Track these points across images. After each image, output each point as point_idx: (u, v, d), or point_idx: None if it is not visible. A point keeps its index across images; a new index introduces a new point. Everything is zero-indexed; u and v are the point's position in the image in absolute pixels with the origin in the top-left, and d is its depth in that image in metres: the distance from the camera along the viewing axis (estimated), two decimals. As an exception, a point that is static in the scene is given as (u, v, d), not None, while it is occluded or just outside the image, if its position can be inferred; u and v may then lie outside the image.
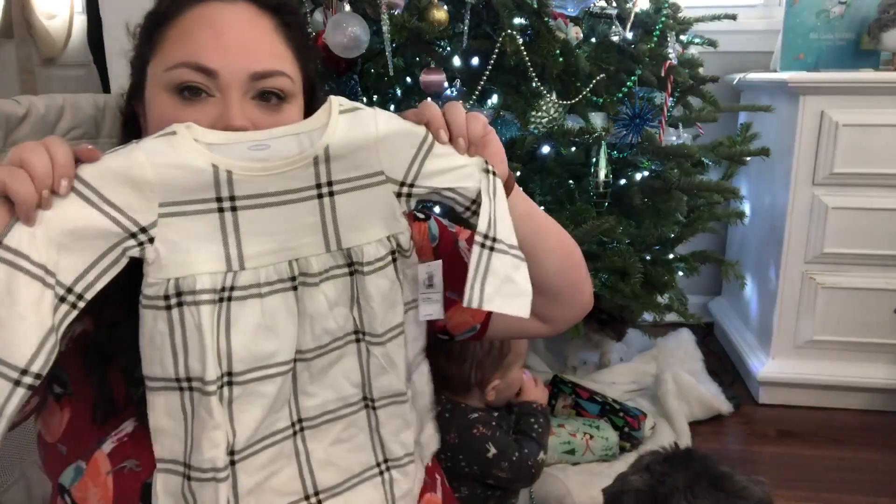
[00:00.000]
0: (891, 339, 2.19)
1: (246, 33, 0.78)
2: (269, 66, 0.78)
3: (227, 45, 0.76)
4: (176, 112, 0.75)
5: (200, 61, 0.75)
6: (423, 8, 1.52)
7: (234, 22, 0.77)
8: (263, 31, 0.79)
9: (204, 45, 0.75)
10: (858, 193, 2.11)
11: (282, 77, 0.79)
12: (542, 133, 1.63)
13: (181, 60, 0.75)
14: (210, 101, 0.76)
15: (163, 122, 0.73)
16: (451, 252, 0.98)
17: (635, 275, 1.65)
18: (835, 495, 1.83)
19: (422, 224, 0.99)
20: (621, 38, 1.78)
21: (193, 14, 0.77)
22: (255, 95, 0.78)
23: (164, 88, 0.76)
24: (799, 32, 2.29)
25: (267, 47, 0.79)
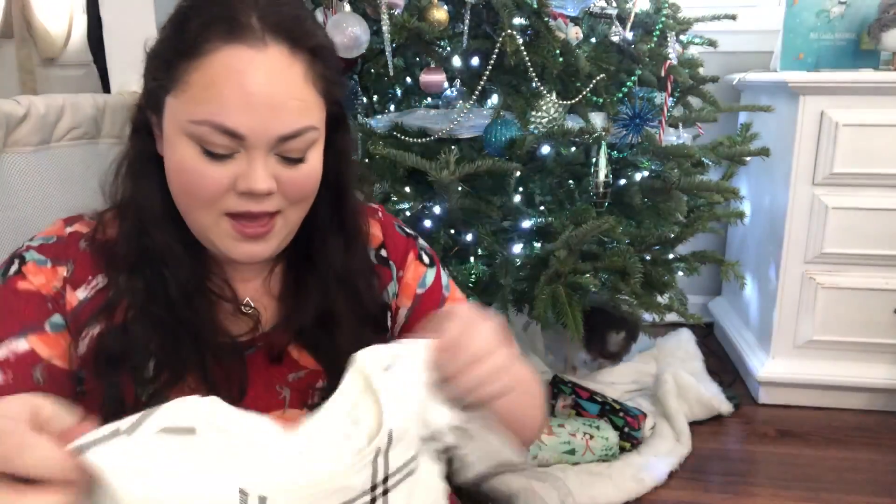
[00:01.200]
0: (891, 339, 2.19)
1: (276, 90, 0.72)
2: (298, 126, 0.74)
3: (255, 105, 0.71)
4: (199, 166, 0.73)
5: (226, 123, 0.71)
6: (423, 8, 1.52)
7: (263, 76, 0.72)
8: (294, 82, 0.74)
9: (232, 105, 0.71)
10: (858, 193, 2.11)
11: (309, 132, 0.76)
12: (542, 133, 1.63)
13: (207, 119, 0.71)
14: (235, 158, 0.74)
15: (186, 175, 0.74)
16: (430, 308, 0.96)
17: (635, 275, 1.64)
18: (835, 495, 1.83)
19: (420, 267, 0.97)
20: (621, 38, 1.78)
21: (220, 60, 0.71)
22: (279, 153, 0.75)
23: (187, 136, 0.73)
24: (799, 32, 2.29)
25: (296, 104, 0.74)
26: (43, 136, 1.01)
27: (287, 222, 0.80)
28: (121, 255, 0.79)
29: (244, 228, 0.77)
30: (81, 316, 0.78)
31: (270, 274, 0.89)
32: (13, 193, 0.96)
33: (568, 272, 1.61)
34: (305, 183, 0.79)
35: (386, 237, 0.96)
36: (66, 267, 0.79)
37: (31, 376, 0.74)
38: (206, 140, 0.72)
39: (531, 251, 1.72)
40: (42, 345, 0.75)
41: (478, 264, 1.73)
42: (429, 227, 1.70)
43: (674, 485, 1.88)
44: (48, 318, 0.77)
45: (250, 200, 0.75)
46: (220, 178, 0.73)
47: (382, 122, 1.66)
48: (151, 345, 0.77)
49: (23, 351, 0.74)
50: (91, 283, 0.80)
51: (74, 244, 0.81)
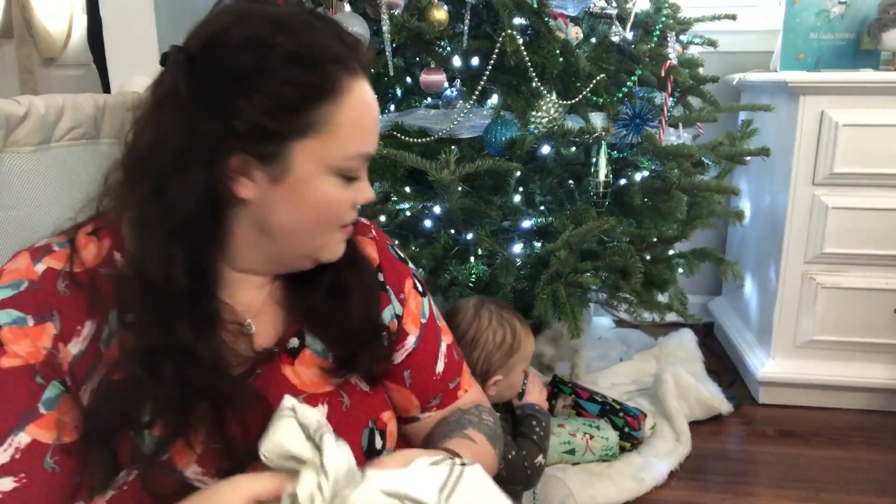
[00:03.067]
0: (891, 338, 2.19)
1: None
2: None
3: (377, 129, 0.81)
4: (340, 193, 0.78)
5: (370, 151, 0.79)
6: (423, 8, 1.52)
7: (375, 102, 0.80)
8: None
9: (371, 133, 0.79)
10: (858, 193, 2.11)
11: None
12: (542, 133, 1.63)
13: (360, 152, 0.78)
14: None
15: (332, 205, 0.78)
16: (432, 342, 1.01)
17: (636, 274, 1.65)
18: (835, 495, 1.83)
19: (417, 297, 1.00)
20: (621, 38, 1.78)
21: (355, 96, 0.76)
22: None
23: (332, 172, 0.77)
24: (799, 32, 2.29)
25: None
26: (43, 136, 1.01)
27: None
28: (117, 277, 0.73)
29: (347, 231, 0.84)
30: (78, 372, 0.72)
31: (274, 282, 0.87)
32: (13, 193, 0.96)
33: (568, 272, 1.61)
34: None
35: (382, 259, 0.97)
36: (53, 322, 0.72)
37: (43, 468, 0.70)
38: (351, 169, 0.78)
39: (531, 251, 1.72)
40: (43, 431, 0.70)
41: (478, 264, 1.73)
42: (429, 227, 1.70)
43: (674, 485, 1.88)
44: (41, 398, 0.71)
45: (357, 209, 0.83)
46: (351, 198, 0.80)
47: (382, 121, 1.66)
48: (152, 393, 0.72)
49: (26, 445, 0.69)
50: (82, 334, 0.73)
51: (52, 289, 0.73)
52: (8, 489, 0.68)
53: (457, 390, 1.04)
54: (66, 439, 0.72)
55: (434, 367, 1.00)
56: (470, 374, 1.10)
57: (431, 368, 1.00)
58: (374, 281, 0.94)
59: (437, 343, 1.02)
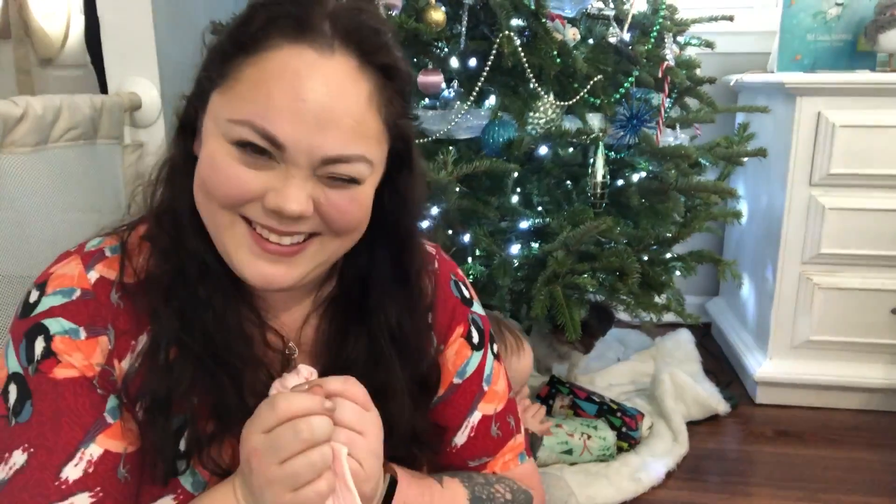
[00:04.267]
0: (888, 339, 2.19)
1: (331, 103, 0.63)
2: (347, 151, 0.65)
3: (304, 116, 0.62)
4: (230, 165, 0.65)
5: (269, 129, 0.63)
6: (420, 9, 1.52)
7: (321, 86, 0.63)
8: (354, 101, 0.65)
9: (278, 109, 0.62)
10: (855, 194, 2.12)
11: (359, 163, 0.66)
12: (539, 134, 1.63)
13: (248, 119, 0.63)
14: (271, 166, 0.65)
15: (214, 171, 0.65)
16: (459, 406, 0.86)
17: (633, 275, 1.65)
18: (832, 495, 1.83)
19: (465, 349, 0.86)
20: (619, 39, 1.78)
21: (278, 58, 0.63)
22: (322, 175, 0.66)
23: (224, 137, 0.65)
24: (796, 34, 2.29)
25: (351, 125, 0.65)
26: (40, 136, 1.01)
27: (323, 249, 0.70)
28: (155, 282, 0.70)
29: (265, 244, 0.67)
30: (131, 388, 0.69)
31: (305, 322, 0.80)
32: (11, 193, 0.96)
33: (565, 272, 1.61)
34: (348, 210, 0.68)
35: (437, 299, 0.84)
36: (107, 336, 0.69)
37: (117, 479, 0.68)
38: (242, 139, 0.64)
39: (529, 252, 1.72)
40: (113, 440, 0.68)
41: (476, 265, 1.73)
42: (426, 227, 1.70)
43: (671, 485, 1.89)
44: (106, 407, 0.68)
45: (276, 220, 0.66)
46: (250, 184, 0.65)
47: (380, 122, 1.65)
48: (194, 389, 0.70)
49: (98, 456, 0.67)
50: (136, 350, 0.70)
51: (106, 300, 0.69)
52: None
53: (480, 468, 0.89)
54: (132, 448, 0.70)
55: (451, 438, 0.86)
56: (527, 457, 0.93)
57: (447, 438, 0.86)
58: (430, 374, 0.82)
59: (467, 410, 0.86)
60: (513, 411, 0.91)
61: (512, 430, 0.90)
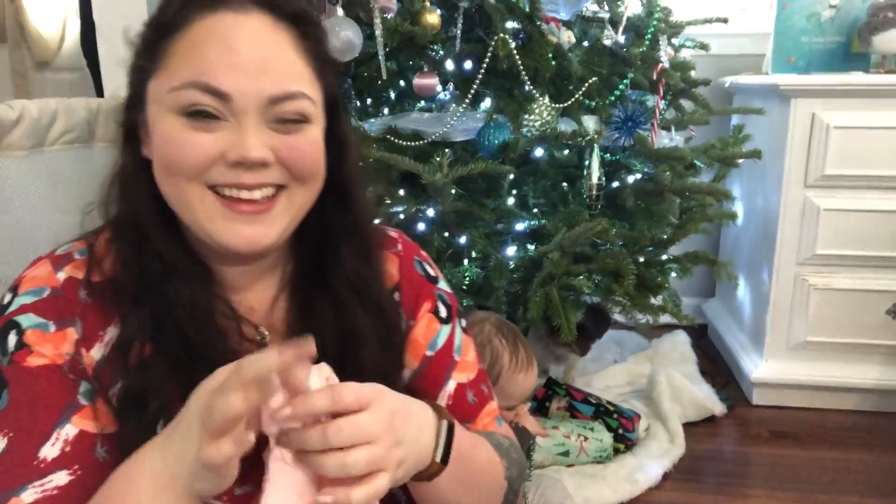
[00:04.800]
0: (883, 339, 2.20)
1: (262, 50, 0.69)
2: (288, 88, 0.69)
3: (241, 64, 0.67)
4: (184, 135, 0.67)
5: (211, 82, 0.66)
6: (415, 12, 1.53)
7: (249, 37, 0.68)
8: (281, 48, 0.70)
9: (215, 63, 0.67)
10: (850, 195, 2.12)
11: (302, 99, 0.71)
12: (535, 136, 1.64)
13: (189, 80, 0.67)
14: (223, 126, 0.68)
15: (170, 146, 0.68)
16: (433, 378, 0.88)
17: (628, 276, 1.65)
18: (828, 496, 1.84)
19: (433, 323, 0.88)
20: (613, 41, 1.78)
21: (202, 26, 0.68)
22: (273, 120, 0.70)
23: (171, 109, 0.68)
24: (790, 36, 2.30)
25: (285, 66, 0.70)
26: (36, 140, 1.01)
27: (292, 202, 0.73)
28: (122, 286, 0.72)
29: (238, 206, 0.70)
30: (104, 376, 0.71)
31: (273, 306, 0.82)
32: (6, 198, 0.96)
33: (561, 274, 1.61)
34: (307, 152, 0.72)
35: (402, 278, 0.87)
36: (74, 328, 0.71)
37: (95, 458, 0.69)
38: (190, 103, 0.67)
39: (525, 253, 1.73)
40: (87, 420, 0.70)
41: (471, 267, 1.73)
42: (422, 229, 1.70)
43: (668, 486, 1.89)
44: (78, 390, 0.70)
45: (244, 171, 0.69)
46: (207, 146, 0.67)
47: (376, 125, 1.66)
48: (171, 381, 0.71)
49: (74, 436, 0.69)
50: (104, 340, 0.73)
51: (73, 296, 0.72)
52: (64, 483, 0.67)
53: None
54: (109, 429, 0.71)
55: None
56: (504, 422, 0.96)
57: None
58: (397, 317, 0.84)
59: (443, 380, 0.88)
60: (484, 380, 0.94)
61: (486, 397, 0.93)
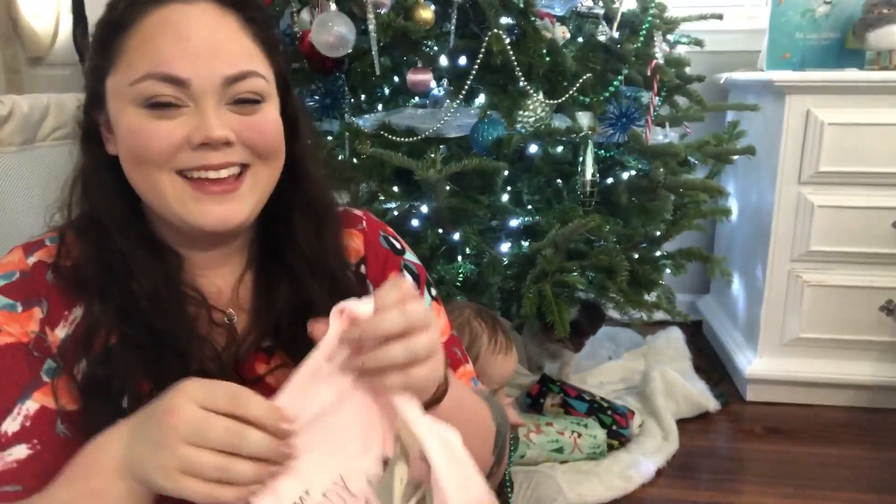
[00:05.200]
0: (876, 336, 2.20)
1: (213, 35, 0.72)
2: (242, 68, 0.72)
3: (195, 50, 0.70)
4: (147, 124, 0.70)
5: (169, 71, 0.69)
6: (409, 7, 1.52)
7: (199, 24, 0.71)
8: (230, 31, 0.73)
9: (170, 52, 0.70)
10: (844, 192, 2.13)
11: (256, 78, 0.74)
12: (529, 132, 1.64)
13: (147, 72, 0.69)
14: (184, 112, 0.71)
15: (136, 137, 0.71)
16: None
17: (622, 273, 1.65)
18: (821, 492, 1.84)
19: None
20: (608, 37, 1.78)
21: (153, 19, 0.71)
22: (231, 101, 0.73)
23: (132, 103, 0.71)
24: (785, 32, 2.30)
25: (236, 48, 0.73)
26: (27, 135, 1.01)
27: (257, 181, 0.76)
28: (88, 278, 0.75)
29: (206, 187, 0.73)
30: (68, 354, 0.74)
31: (239, 284, 0.84)
32: (-3, 193, 0.96)
33: (555, 271, 1.61)
34: (266, 129, 0.75)
35: (367, 252, 0.91)
36: (40, 307, 0.74)
37: (55, 434, 0.71)
38: (150, 94, 0.70)
39: (519, 250, 1.73)
40: (48, 397, 0.72)
41: (465, 263, 1.73)
42: (416, 226, 1.70)
43: (661, 482, 1.89)
44: (42, 368, 0.73)
45: (209, 152, 0.71)
46: (171, 132, 0.70)
47: (370, 121, 1.66)
48: (137, 368, 0.73)
49: (35, 411, 0.71)
50: (69, 319, 0.75)
51: (41, 278, 0.76)
52: (23, 456, 0.69)
53: None
54: (70, 407, 0.73)
55: None
56: (479, 383, 0.98)
57: None
58: (352, 288, 0.85)
59: None
60: (457, 344, 0.96)
61: (460, 360, 0.95)
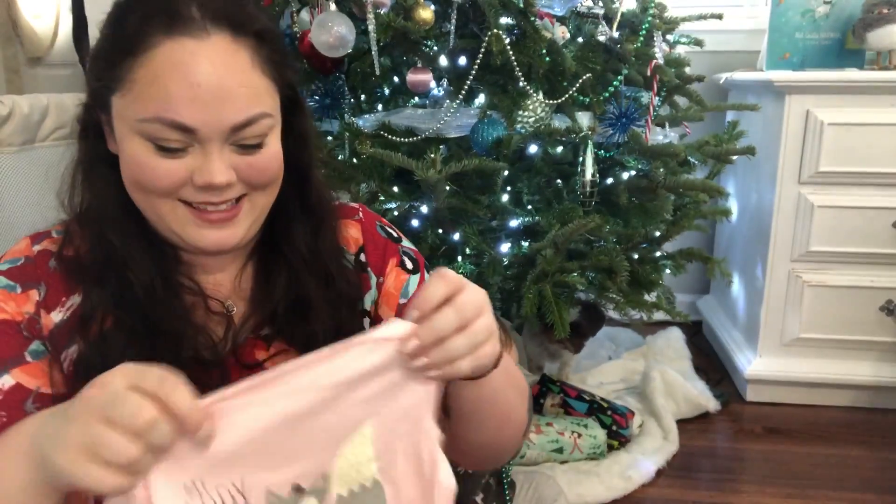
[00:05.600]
0: (876, 336, 2.20)
1: (222, 80, 0.71)
2: (250, 114, 0.73)
3: (203, 98, 0.70)
4: (152, 161, 0.72)
5: (176, 118, 0.70)
6: (408, 7, 1.52)
7: (210, 67, 0.70)
8: (241, 70, 0.73)
9: (178, 99, 0.69)
10: (843, 192, 2.13)
11: (263, 120, 0.75)
12: (529, 132, 1.64)
13: (155, 115, 0.70)
14: (189, 153, 0.73)
15: (140, 169, 0.73)
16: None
17: (622, 273, 1.65)
18: (820, 492, 1.84)
19: (402, 275, 0.93)
20: (608, 37, 1.78)
21: (163, 54, 0.70)
22: (235, 143, 0.74)
23: (138, 134, 0.72)
24: (784, 32, 2.30)
25: (245, 91, 0.73)
26: (27, 135, 1.01)
27: (254, 206, 0.79)
28: (87, 266, 0.77)
29: (206, 216, 0.76)
30: (59, 339, 0.76)
31: (241, 275, 0.87)
32: (-3, 193, 0.96)
33: (555, 271, 1.61)
34: (267, 168, 0.77)
35: (366, 241, 0.93)
36: (38, 290, 0.77)
37: (24, 410, 0.73)
38: (157, 136, 0.71)
39: (518, 250, 1.73)
40: (27, 376, 0.74)
41: (465, 264, 1.73)
42: (416, 226, 1.70)
43: (661, 482, 1.89)
44: (27, 347, 0.75)
45: (210, 193, 0.74)
46: (176, 172, 0.72)
47: (370, 121, 1.66)
48: (129, 353, 0.73)
49: (9, 387, 0.73)
50: (66, 305, 0.77)
51: (44, 264, 0.78)
52: None
53: None
54: (45, 390, 0.75)
55: None
56: None
57: None
58: (348, 286, 0.88)
59: None
60: None
61: None
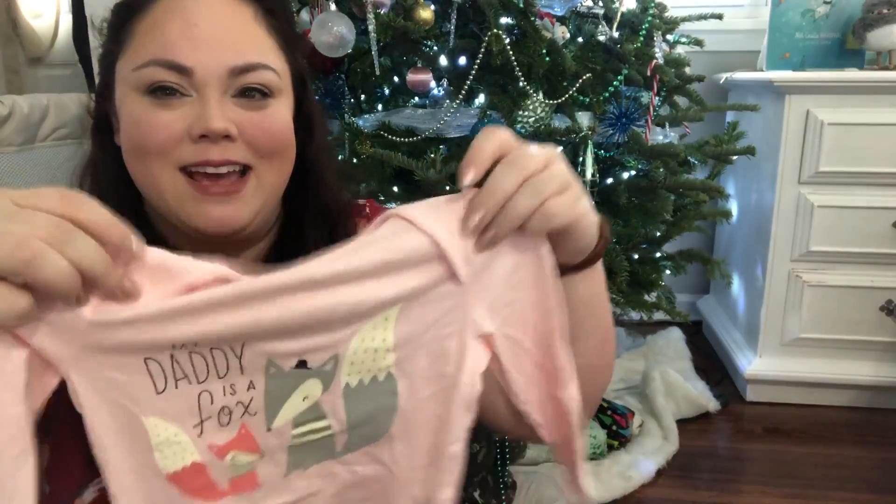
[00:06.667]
0: (876, 336, 2.20)
1: (222, 23, 0.70)
2: (250, 60, 0.70)
3: (201, 37, 0.68)
4: (148, 114, 0.68)
5: (172, 58, 0.67)
6: (408, 7, 1.52)
7: (209, 11, 0.69)
8: (243, 21, 0.71)
9: (175, 39, 0.68)
10: (844, 192, 2.13)
11: (265, 70, 0.71)
12: (528, 132, 1.63)
13: (150, 58, 0.68)
14: (186, 102, 0.69)
15: (136, 126, 0.69)
16: None
17: (622, 273, 1.65)
18: (821, 491, 1.84)
19: None
20: (608, 37, 1.78)
21: (164, 5, 0.70)
22: (237, 93, 0.70)
23: (135, 89, 0.69)
24: (784, 32, 2.30)
25: (247, 38, 0.71)
26: (27, 135, 1.01)
27: (261, 183, 0.73)
28: None
29: (205, 186, 0.70)
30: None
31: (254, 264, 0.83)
32: (-4, 193, 0.96)
33: (554, 271, 1.61)
34: (271, 129, 0.72)
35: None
36: None
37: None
38: (153, 80, 0.68)
39: (518, 250, 1.72)
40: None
41: (465, 263, 1.73)
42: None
43: (661, 482, 1.89)
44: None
45: (209, 146, 0.69)
46: (172, 123, 0.68)
47: (370, 121, 1.65)
48: None
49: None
50: None
51: None
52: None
53: None
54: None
55: None
56: None
57: None
58: None
59: None
60: None
61: None
